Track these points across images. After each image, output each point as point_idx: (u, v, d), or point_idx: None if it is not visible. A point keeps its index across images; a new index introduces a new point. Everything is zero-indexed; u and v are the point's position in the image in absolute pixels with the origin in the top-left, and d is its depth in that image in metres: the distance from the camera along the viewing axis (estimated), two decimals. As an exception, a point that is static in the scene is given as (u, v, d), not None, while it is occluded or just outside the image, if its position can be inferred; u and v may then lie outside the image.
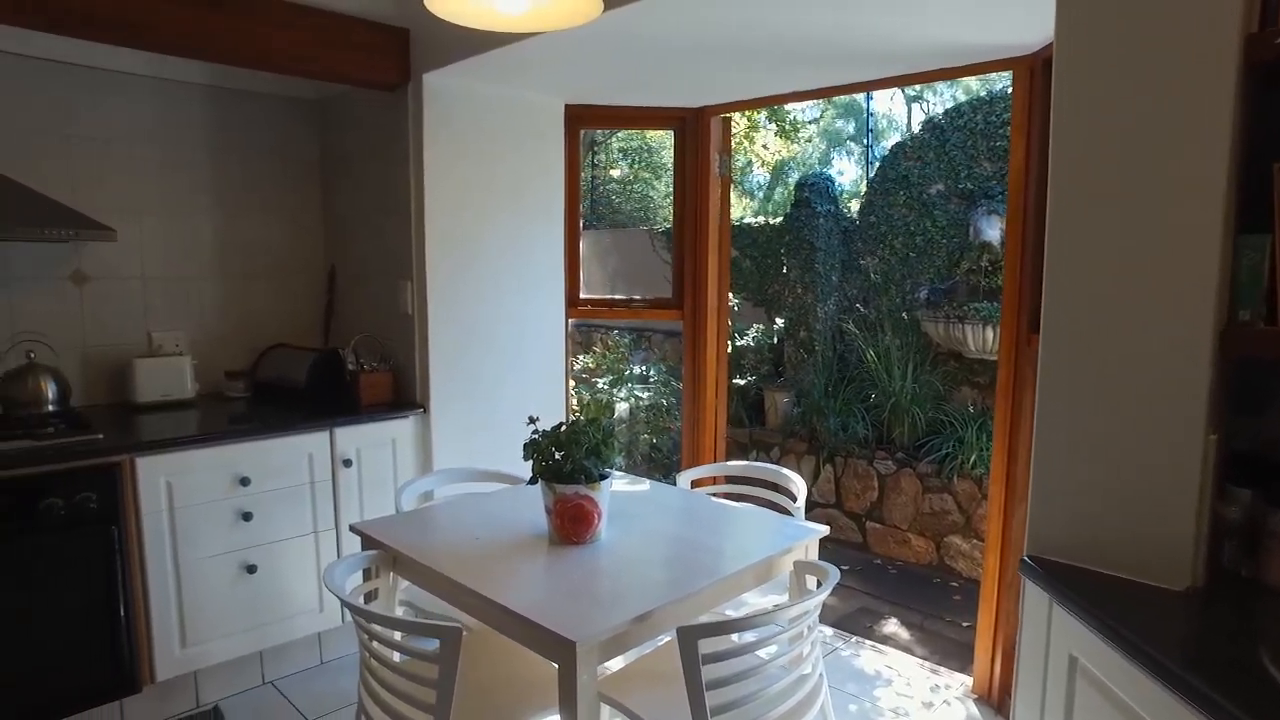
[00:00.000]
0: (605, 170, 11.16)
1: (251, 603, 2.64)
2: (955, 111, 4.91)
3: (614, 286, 6.74)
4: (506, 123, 3.09)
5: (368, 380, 2.98)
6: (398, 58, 2.86)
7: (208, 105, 3.15)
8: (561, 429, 1.96)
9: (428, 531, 2.10)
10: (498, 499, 2.37)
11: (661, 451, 5.40)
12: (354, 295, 3.38)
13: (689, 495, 2.49)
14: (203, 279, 3.20)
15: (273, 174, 3.35)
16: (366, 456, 2.87)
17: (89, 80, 2.87)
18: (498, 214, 3.11)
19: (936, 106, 14.28)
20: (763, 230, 5.76)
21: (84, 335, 2.93)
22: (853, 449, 4.66)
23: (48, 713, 2.30)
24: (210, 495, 2.53)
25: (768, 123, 9.84)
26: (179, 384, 2.97)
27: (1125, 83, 1.37)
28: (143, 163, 3.02)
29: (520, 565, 1.86)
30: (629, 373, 5.53)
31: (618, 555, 1.93)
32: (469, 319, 3.06)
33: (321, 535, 2.78)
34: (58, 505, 2.23)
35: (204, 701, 2.65)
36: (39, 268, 2.83)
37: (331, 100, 3.38)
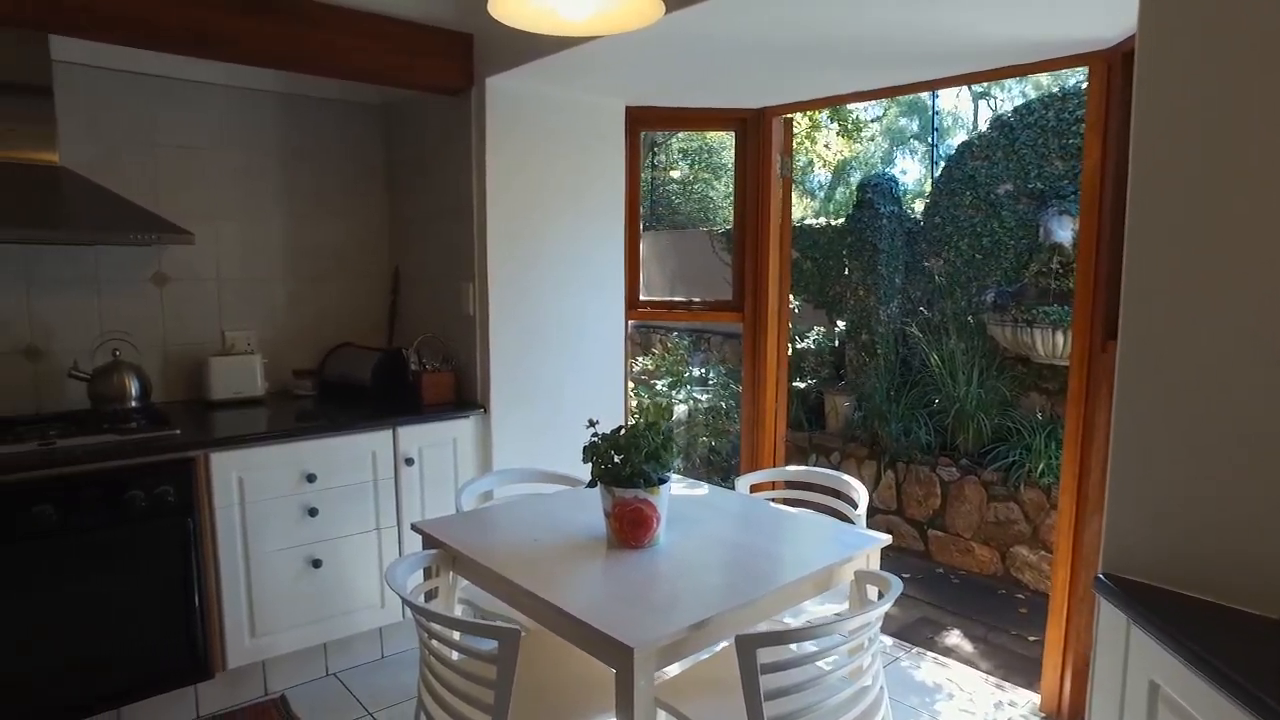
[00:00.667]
0: (665, 171, 11.16)
1: (316, 596, 2.71)
2: (1025, 109, 4.76)
3: (674, 288, 6.74)
4: (568, 125, 3.11)
5: (430, 380, 3.03)
6: (462, 62, 2.90)
7: (279, 112, 3.25)
8: (621, 432, 1.96)
9: (487, 532, 2.12)
10: (557, 501, 2.39)
11: (720, 454, 5.37)
12: (417, 296, 3.44)
13: (748, 500, 2.47)
14: (273, 280, 3.30)
15: (340, 178, 3.44)
16: (428, 455, 2.92)
17: (171, 91, 2.99)
18: (559, 216, 3.13)
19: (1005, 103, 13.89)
20: (824, 231, 5.68)
21: (164, 334, 3.05)
22: (915, 455, 4.56)
23: (129, 694, 2.40)
24: (279, 491, 2.60)
25: (829, 122, 9.70)
26: (250, 382, 3.07)
27: (1214, 76, 1.30)
28: (219, 168, 3.13)
29: (578, 568, 1.87)
30: (688, 375, 5.51)
31: (676, 560, 1.92)
32: (530, 320, 3.09)
33: (384, 532, 2.84)
34: (139, 497, 2.33)
35: (271, 690, 2.73)
36: (125, 270, 2.95)
37: (397, 105, 3.45)
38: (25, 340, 2.79)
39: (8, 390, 2.77)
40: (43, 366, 2.82)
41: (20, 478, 2.19)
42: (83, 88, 2.82)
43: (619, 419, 3.41)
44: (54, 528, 2.22)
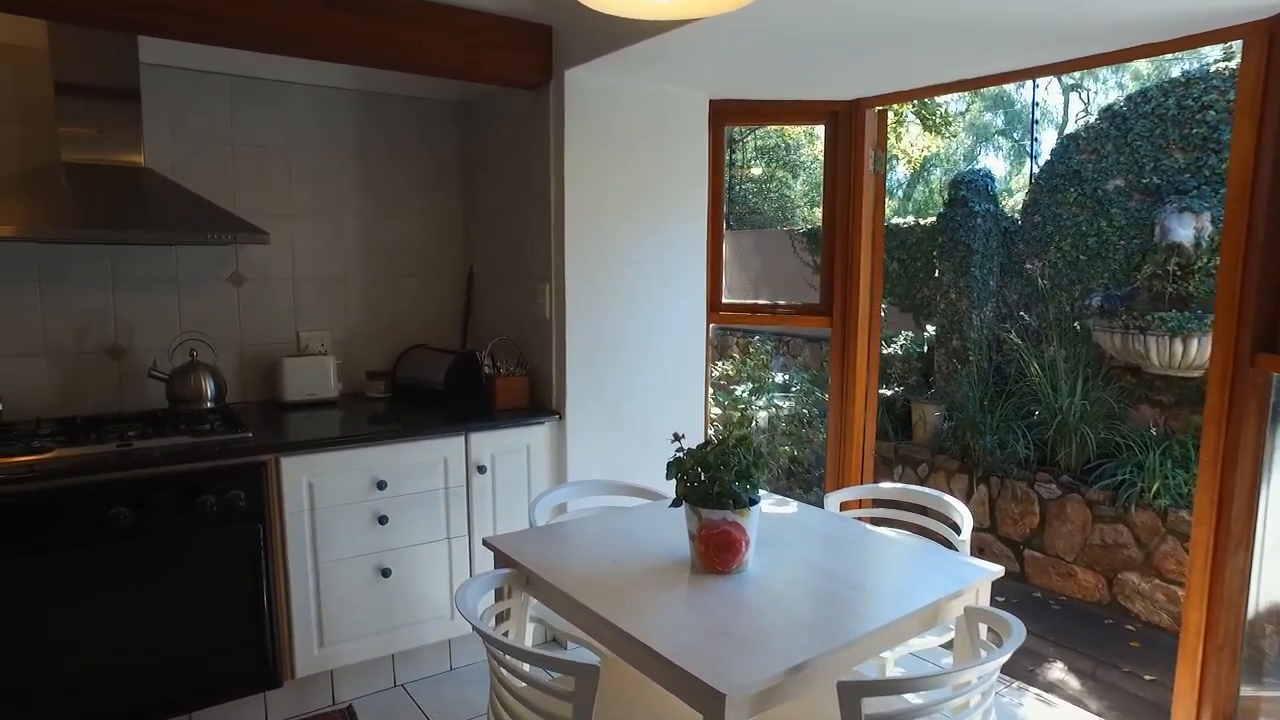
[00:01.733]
0: (743, 169, 10.95)
1: (385, 606, 2.64)
2: (1141, 96, 4.39)
3: (755, 290, 6.54)
4: (649, 120, 2.97)
5: (504, 384, 2.94)
6: (540, 55, 2.79)
7: (356, 110, 3.21)
8: (709, 448, 1.81)
9: (562, 551, 1.99)
10: (636, 517, 2.25)
11: (802, 465, 5.15)
12: (492, 297, 3.36)
13: (840, 520, 2.28)
14: (348, 279, 3.26)
15: (416, 176, 3.38)
16: (501, 463, 2.82)
17: (250, 90, 2.98)
18: (639, 215, 2.99)
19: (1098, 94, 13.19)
20: (912, 231, 5.41)
21: (240, 334, 3.03)
22: (1011, 469, 4.27)
23: (200, 699, 2.37)
24: (349, 497, 2.54)
25: (911, 116, 9.33)
26: (323, 383, 3.03)
27: None
28: (296, 167, 3.10)
29: (660, 595, 1.72)
30: (770, 380, 5.31)
31: (766, 589, 1.75)
32: (607, 323, 2.96)
33: (454, 541, 2.75)
34: (211, 502, 2.29)
35: (339, 700, 2.67)
36: (204, 269, 2.95)
37: (473, 101, 3.37)
38: (111, 339, 2.81)
39: (95, 388, 2.79)
40: (126, 365, 2.83)
41: (99, 479, 2.17)
42: (167, 89, 2.82)
43: (699, 427, 3.26)
44: (129, 530, 2.20)
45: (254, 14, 2.30)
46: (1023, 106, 14.67)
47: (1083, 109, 12.78)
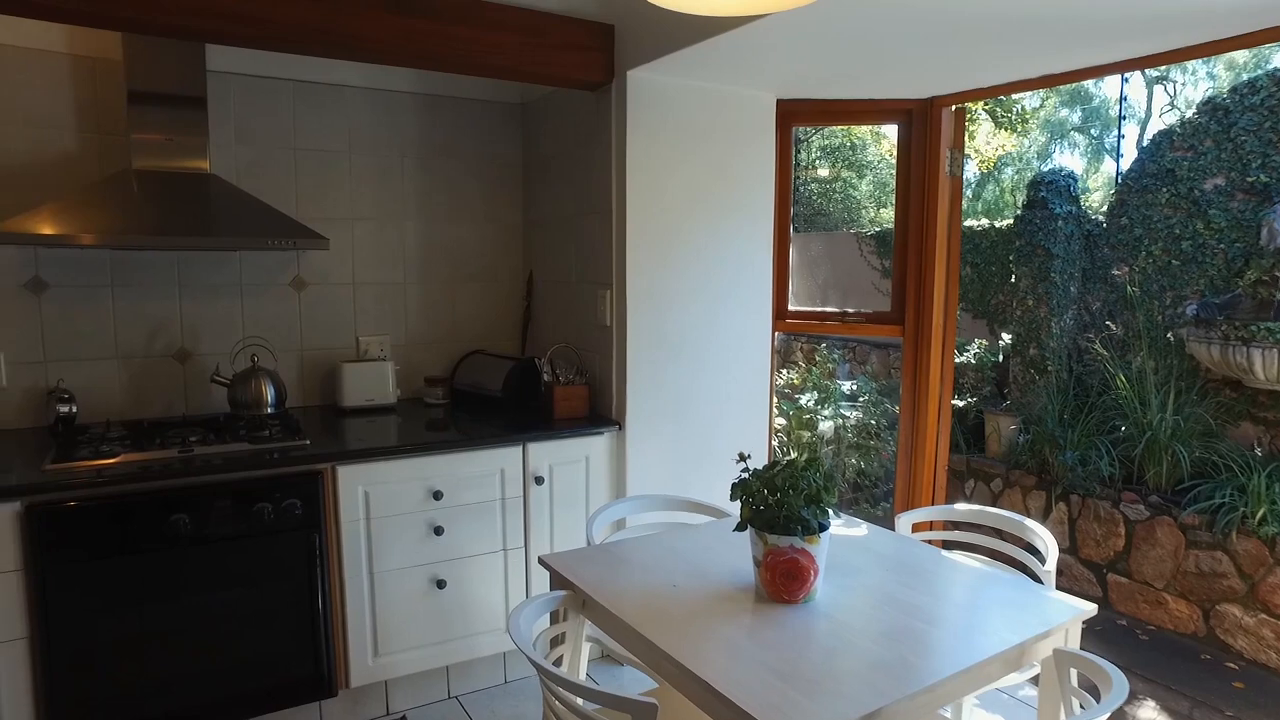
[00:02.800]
0: (807, 170, 10.74)
1: (440, 617, 2.60)
2: (1248, 87, 4.07)
3: (823, 295, 6.37)
4: (714, 121, 2.87)
5: (563, 393, 2.87)
6: (602, 55, 2.71)
7: (416, 114, 3.19)
8: (776, 470, 1.70)
9: (620, 572, 1.91)
10: (698, 537, 2.15)
11: (870, 478, 4.97)
12: (552, 302, 3.30)
13: (912, 545, 2.14)
14: (407, 284, 3.25)
15: (477, 179, 3.35)
16: (559, 474, 2.76)
17: (312, 96, 2.98)
18: (702, 219, 2.89)
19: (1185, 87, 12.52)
20: (986, 234, 5.17)
21: (301, 338, 3.04)
22: (1093, 487, 4.02)
23: (256, 705, 2.36)
24: (405, 507, 2.50)
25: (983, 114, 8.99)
26: (382, 389, 3.01)
27: None
28: (356, 172, 3.10)
29: (722, 626, 1.62)
30: (836, 389, 5.15)
31: (835, 622, 1.64)
32: (669, 331, 2.87)
33: (511, 554, 2.70)
34: (267, 510, 2.28)
35: (393, 710, 2.64)
36: (266, 274, 2.96)
37: (535, 103, 3.32)
38: (177, 343, 2.84)
39: (162, 392, 2.83)
40: (191, 369, 2.86)
41: (160, 485, 2.18)
42: (232, 96, 2.84)
43: (763, 438, 3.14)
44: (189, 537, 2.20)
45: (313, 18, 2.28)
46: (1102, 101, 14.04)
47: (1168, 102, 12.16)
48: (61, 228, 2.30)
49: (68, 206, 2.37)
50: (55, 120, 2.63)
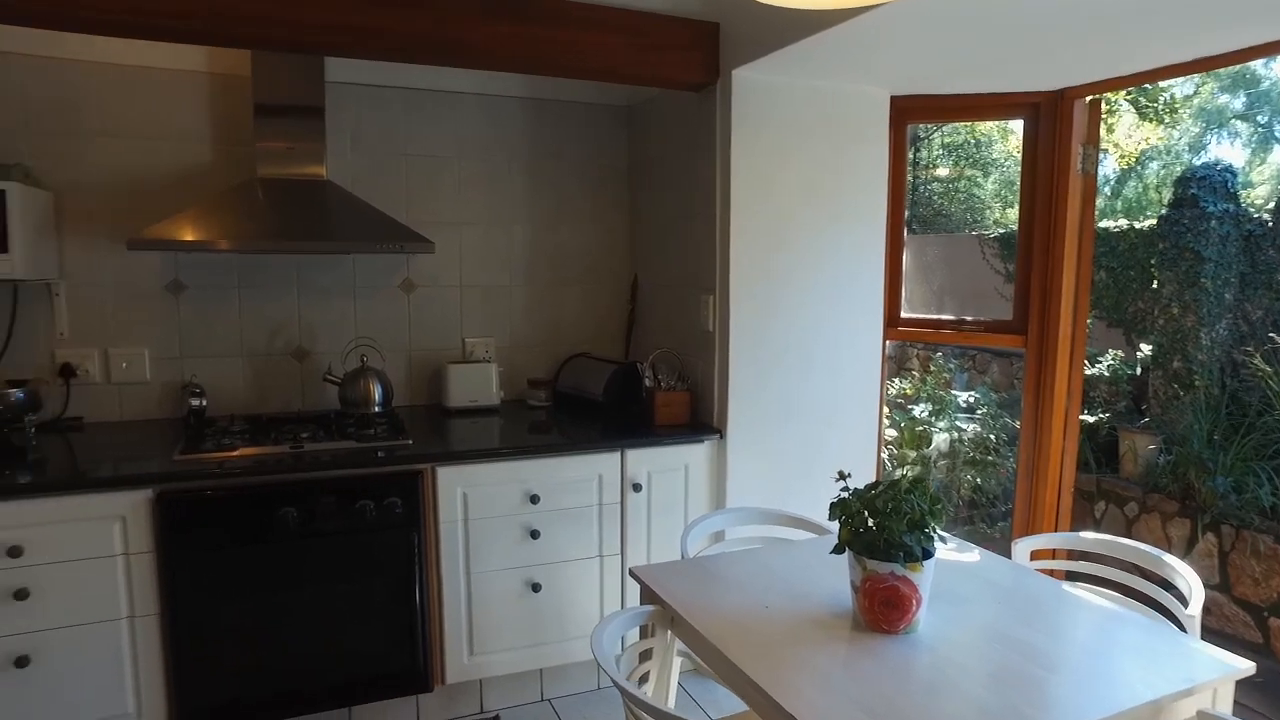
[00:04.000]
0: (927, 169, 10.30)
1: (534, 620, 2.61)
2: None
3: (939, 301, 6.08)
4: (823, 120, 2.76)
5: (664, 399, 2.83)
6: (706, 55, 2.66)
7: (524, 118, 3.22)
8: (877, 491, 1.60)
9: (711, 589, 1.84)
10: (796, 555, 2.06)
11: (986, 495, 4.69)
12: (655, 306, 3.27)
13: (1030, 576, 1.97)
14: (514, 287, 3.29)
15: (583, 182, 3.36)
16: (657, 481, 2.72)
17: (423, 103, 3.06)
18: (810, 222, 2.79)
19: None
20: (1124, 236, 4.79)
21: (409, 339, 3.13)
22: (1250, 518, 3.64)
23: (358, 695, 2.44)
24: (502, 509, 2.52)
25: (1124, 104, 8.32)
26: (486, 390, 3.06)
27: None
28: (465, 175, 3.16)
29: (814, 654, 1.53)
30: (952, 401, 4.89)
31: (939, 658, 1.52)
32: (774, 338, 2.78)
33: (606, 560, 2.68)
34: (370, 507, 2.34)
35: (487, 709, 2.67)
36: (378, 276, 3.06)
37: (641, 105, 3.30)
38: (295, 342, 2.98)
39: (280, 389, 2.97)
40: (307, 367, 2.99)
41: (272, 480, 2.28)
42: (348, 105, 2.95)
43: (872, 451, 3.00)
44: (296, 531, 2.29)
45: (422, 28, 2.33)
46: (1272, 84, 12.76)
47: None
48: (200, 234, 2.45)
49: (203, 213, 2.52)
50: (194, 134, 2.80)
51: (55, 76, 2.65)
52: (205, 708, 2.26)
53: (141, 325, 2.80)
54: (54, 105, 2.66)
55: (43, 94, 2.64)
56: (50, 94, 2.65)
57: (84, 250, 2.72)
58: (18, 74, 2.61)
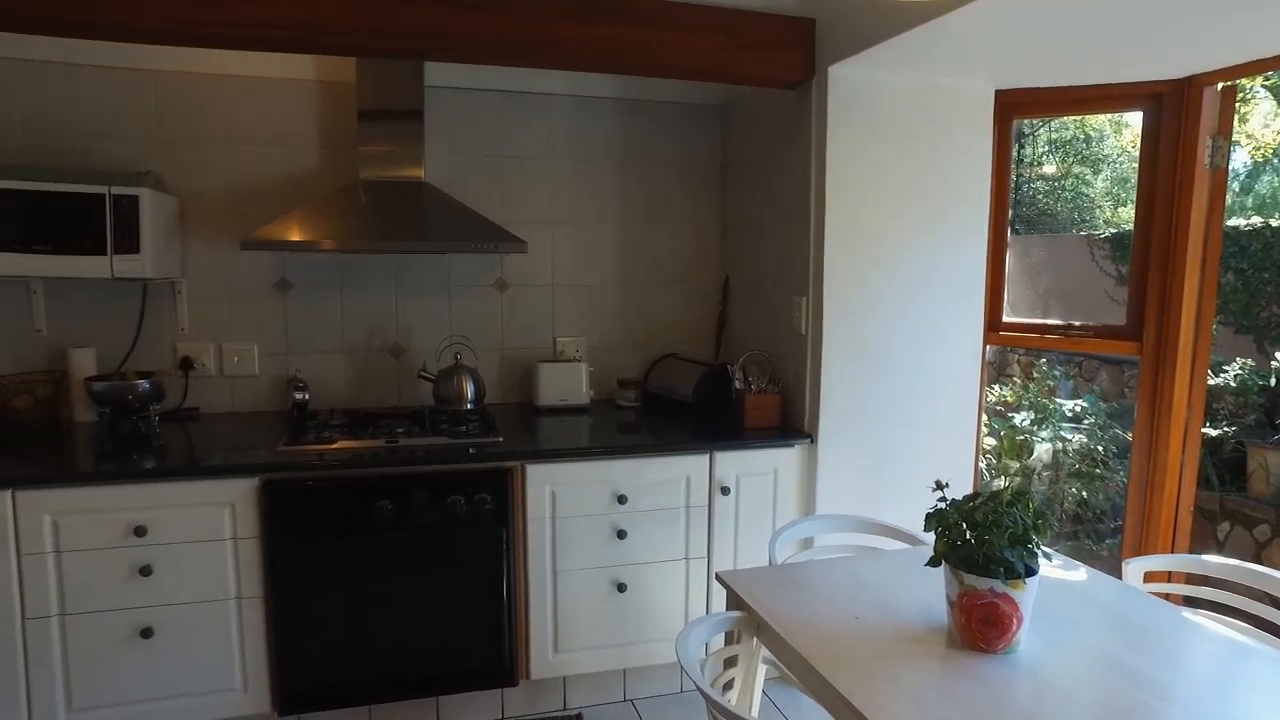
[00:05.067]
0: (1032, 166, 9.85)
1: (619, 620, 2.61)
2: None
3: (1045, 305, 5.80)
4: (922, 116, 2.67)
5: (754, 401, 2.80)
6: (802, 52, 2.60)
7: (615, 118, 3.24)
8: (976, 503, 1.53)
9: (800, 597, 1.80)
10: (887, 566, 1.99)
11: (1092, 511, 4.44)
12: (747, 308, 3.23)
13: (1143, 600, 1.85)
14: (605, 287, 3.31)
15: (674, 182, 3.35)
16: (745, 485, 2.68)
17: (516, 105, 3.12)
18: (907, 223, 2.70)
19: None
20: (1258, 235, 4.45)
21: (501, 338, 3.19)
22: (1397, 544, 3.33)
23: (445, 685, 2.50)
24: (590, 509, 2.54)
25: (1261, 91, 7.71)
26: (576, 390, 3.08)
27: None
28: (557, 176, 3.20)
29: (907, 671, 1.47)
30: (1056, 409, 4.65)
31: (1040, 682, 1.44)
32: (868, 342, 2.70)
33: (693, 563, 2.66)
34: (460, 503, 2.39)
35: (570, 706, 2.69)
36: (472, 276, 3.13)
37: (732, 104, 3.26)
38: (392, 340, 3.08)
39: (377, 385, 3.08)
40: (403, 364, 3.09)
41: (368, 473, 2.35)
42: (445, 108, 3.03)
43: (969, 460, 2.88)
44: (390, 523, 2.36)
45: (519, 32, 2.37)
46: None
47: None
48: (306, 234, 2.56)
49: (309, 215, 2.63)
50: (303, 139, 2.93)
51: (182, 90, 2.81)
52: (303, 688, 2.36)
53: (252, 322, 2.95)
54: (181, 116, 2.82)
55: (172, 107, 2.81)
56: (178, 106, 2.82)
57: (203, 251, 2.88)
58: (151, 90, 2.79)
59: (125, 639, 2.22)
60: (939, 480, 1.62)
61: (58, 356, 2.76)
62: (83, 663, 2.20)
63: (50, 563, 2.15)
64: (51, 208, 2.42)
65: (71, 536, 2.16)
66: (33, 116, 2.71)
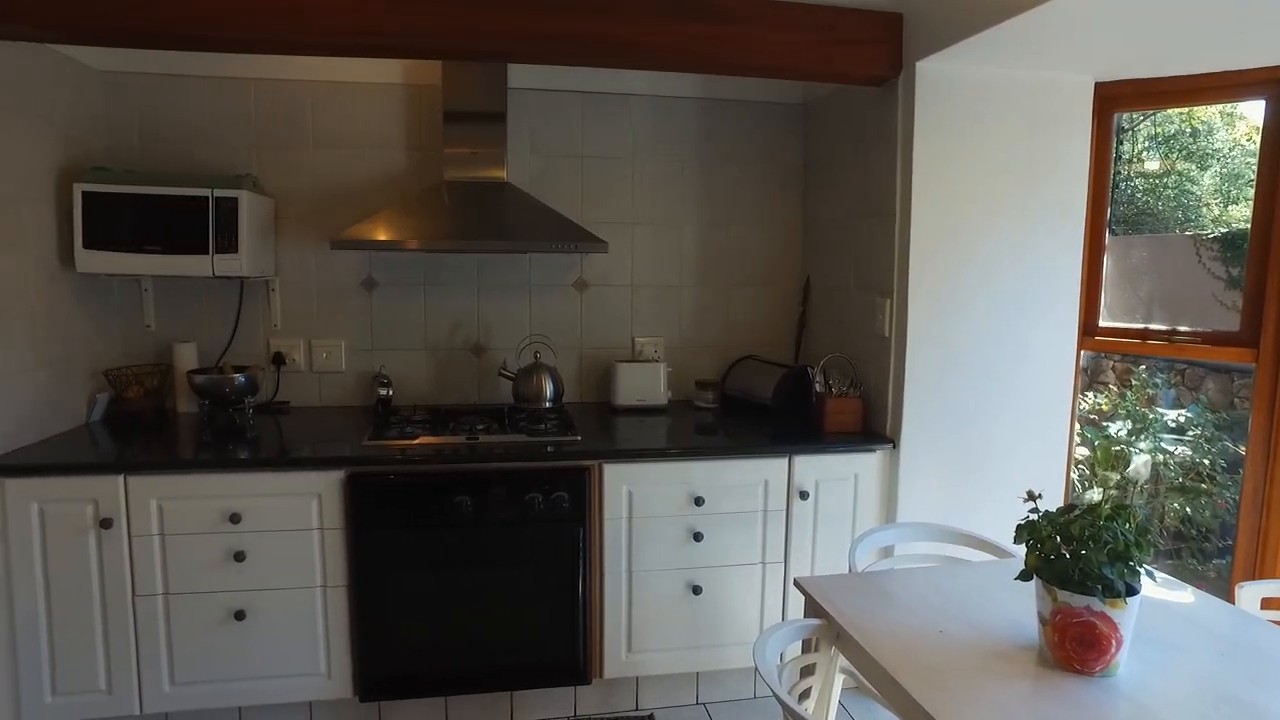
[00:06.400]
0: (1131, 163, 9.37)
1: (693, 623, 2.59)
2: None
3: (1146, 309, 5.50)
4: (1015, 111, 2.56)
5: (834, 405, 2.74)
6: (889, 47, 2.53)
7: (697, 118, 3.22)
8: (1073, 515, 1.45)
9: (881, 607, 1.75)
10: (974, 577, 1.92)
11: (1197, 528, 4.17)
12: (827, 310, 3.17)
13: (1261, 628, 1.72)
14: (684, 287, 3.29)
15: (755, 182, 3.31)
16: (825, 490, 2.63)
17: (598, 105, 3.13)
18: (997, 222, 2.60)
19: None
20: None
21: (581, 337, 3.21)
22: None
23: (519, 680, 2.53)
24: (666, 509, 2.53)
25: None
26: (653, 390, 3.08)
27: None
28: (638, 176, 3.20)
29: (994, 689, 1.41)
30: (1157, 419, 4.40)
31: (1141, 709, 1.35)
32: (954, 345, 2.61)
33: (769, 567, 2.62)
34: (538, 500, 2.41)
35: (642, 707, 2.69)
36: (552, 275, 3.16)
37: (815, 102, 3.20)
38: (474, 338, 3.13)
39: (458, 382, 3.14)
40: (483, 362, 3.14)
41: (449, 468, 2.40)
42: (528, 110, 3.07)
43: (1060, 471, 2.76)
44: (469, 518, 2.40)
45: (601, 32, 2.37)
46: None
47: None
48: (392, 234, 2.63)
49: (395, 215, 2.70)
50: (390, 141, 3.02)
51: (277, 95, 2.93)
52: (383, 677, 2.42)
53: (339, 319, 3.05)
54: (276, 121, 2.94)
55: (268, 112, 2.93)
56: (274, 111, 2.94)
57: (295, 250, 3.00)
58: (249, 96, 2.91)
59: (221, 620, 2.32)
60: (1031, 491, 1.55)
61: (164, 350, 2.92)
62: (184, 640, 2.32)
63: (156, 545, 2.27)
64: (161, 210, 2.56)
65: (175, 520, 2.28)
66: (147, 124, 2.87)
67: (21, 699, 2.26)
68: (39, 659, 2.25)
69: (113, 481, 2.23)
